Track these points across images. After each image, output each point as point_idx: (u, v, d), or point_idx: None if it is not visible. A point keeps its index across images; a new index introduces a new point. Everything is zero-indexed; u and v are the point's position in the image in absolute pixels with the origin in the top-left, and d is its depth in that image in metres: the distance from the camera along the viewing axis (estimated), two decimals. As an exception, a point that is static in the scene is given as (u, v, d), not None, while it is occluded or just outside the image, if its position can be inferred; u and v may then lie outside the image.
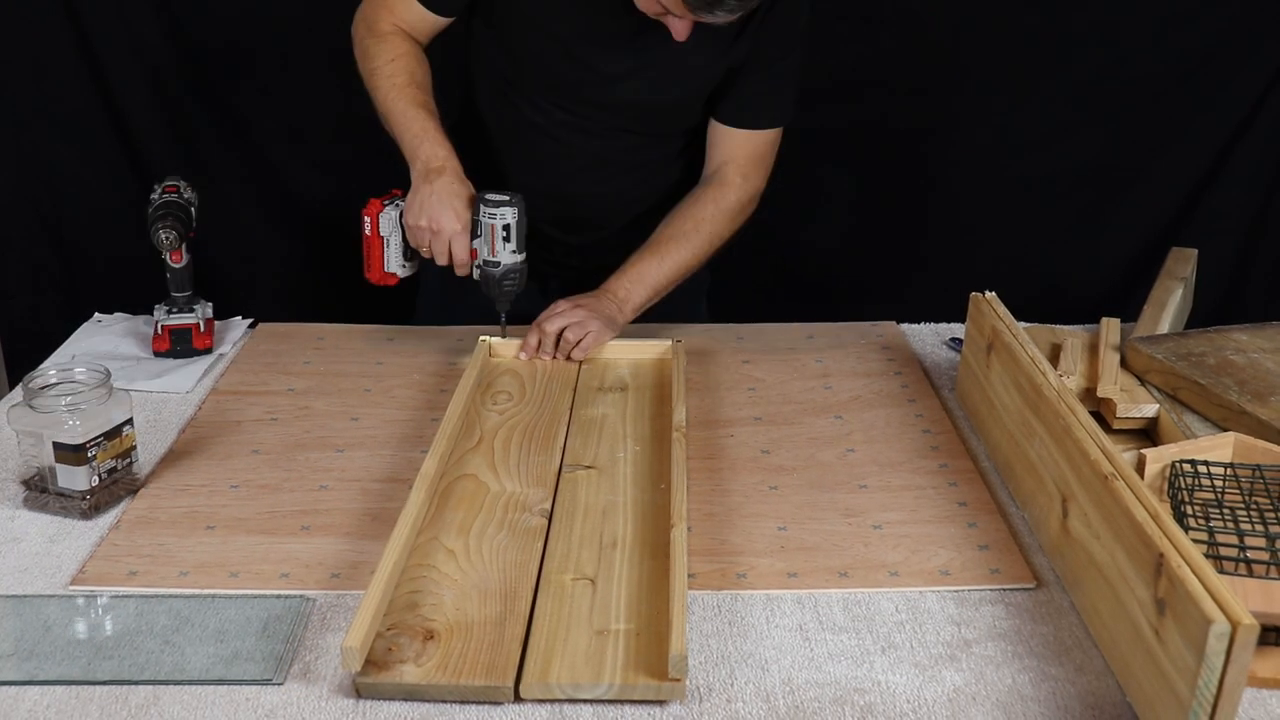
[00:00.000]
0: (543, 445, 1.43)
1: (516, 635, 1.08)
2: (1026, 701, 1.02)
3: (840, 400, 1.58)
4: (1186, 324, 1.77)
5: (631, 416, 1.51)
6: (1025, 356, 1.34)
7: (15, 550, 1.23)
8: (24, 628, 1.10)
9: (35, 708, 1.01)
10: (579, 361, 1.64)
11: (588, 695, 1.02)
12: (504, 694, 1.02)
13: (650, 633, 1.08)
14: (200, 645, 1.08)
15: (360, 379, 1.64)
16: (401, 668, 1.03)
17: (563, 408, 1.53)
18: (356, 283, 1.73)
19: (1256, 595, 1.03)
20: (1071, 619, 1.13)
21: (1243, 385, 1.39)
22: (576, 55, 1.63)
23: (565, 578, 1.17)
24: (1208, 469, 1.25)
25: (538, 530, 1.25)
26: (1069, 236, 2.59)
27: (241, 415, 1.53)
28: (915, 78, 2.46)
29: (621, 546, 1.22)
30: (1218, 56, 2.43)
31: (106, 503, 1.30)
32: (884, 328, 1.82)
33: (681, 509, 1.21)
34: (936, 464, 1.41)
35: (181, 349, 1.67)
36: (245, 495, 1.34)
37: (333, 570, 1.20)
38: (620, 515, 1.28)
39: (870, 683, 1.04)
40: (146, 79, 2.39)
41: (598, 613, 1.11)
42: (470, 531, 1.24)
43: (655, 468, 1.37)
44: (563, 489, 1.33)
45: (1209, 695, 0.88)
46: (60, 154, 2.43)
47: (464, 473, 1.36)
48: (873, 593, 1.17)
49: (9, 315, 2.50)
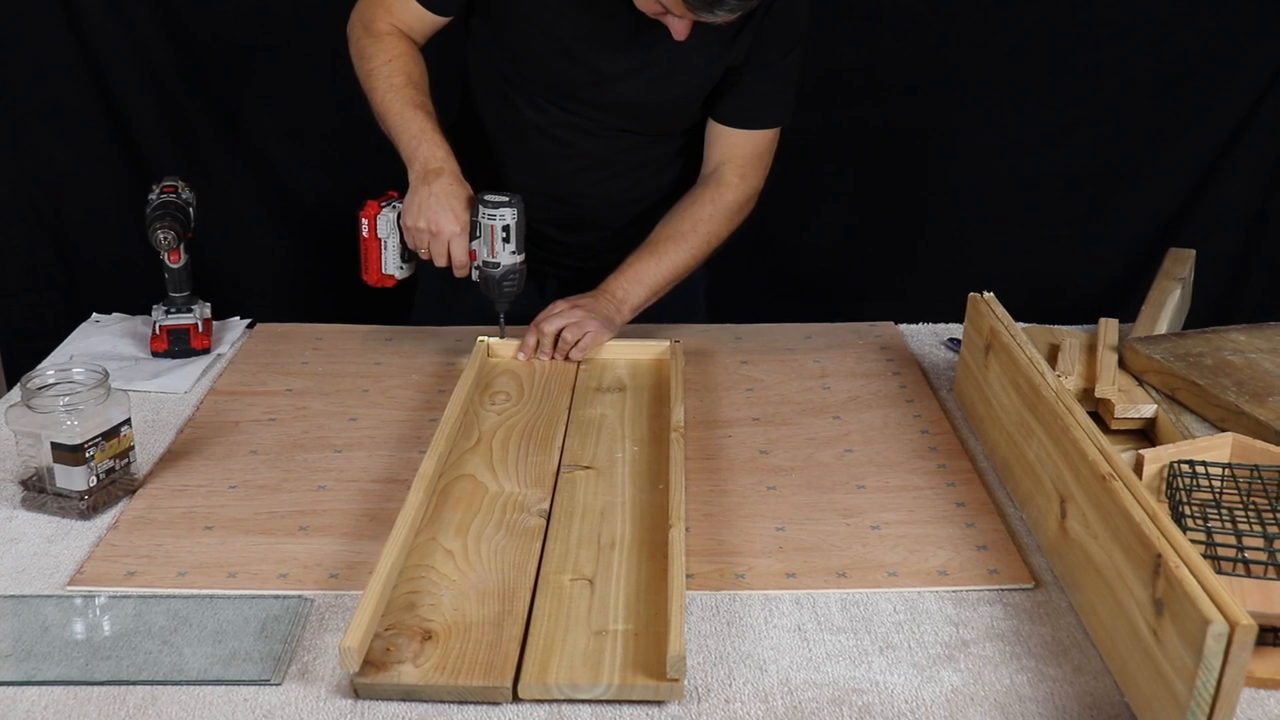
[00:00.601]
0: (541, 445, 1.43)
1: (514, 635, 1.08)
2: (1024, 702, 1.02)
3: (838, 400, 1.58)
4: (1185, 324, 1.77)
5: (630, 417, 1.51)
6: (1023, 357, 1.34)
7: (13, 550, 1.23)
8: (22, 628, 1.10)
9: (33, 708, 1.01)
10: (577, 362, 1.64)
11: (586, 695, 1.02)
12: (502, 694, 1.02)
13: (649, 633, 1.08)
14: (198, 645, 1.08)
15: (358, 379, 1.64)
16: (399, 668, 1.03)
17: (561, 408, 1.53)
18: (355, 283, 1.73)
19: (1254, 595, 1.03)
20: (1069, 619, 1.13)
21: (1241, 386, 1.39)
22: (576, 54, 1.63)
23: (564, 578, 1.17)
24: (1205, 469, 1.25)
25: (536, 530, 1.25)
26: (1068, 236, 2.59)
27: (240, 415, 1.53)
28: (914, 77, 2.46)
29: (620, 547, 1.22)
30: (1217, 56, 2.43)
31: (104, 503, 1.30)
32: (882, 328, 1.82)
33: (679, 509, 1.21)
34: (935, 464, 1.41)
35: (179, 349, 1.67)
36: (243, 495, 1.34)
37: (331, 570, 1.20)
38: (618, 515, 1.28)
39: (868, 683, 1.04)
40: (146, 79, 2.39)
41: (596, 613, 1.11)
42: (469, 532, 1.24)
43: (653, 468, 1.37)
44: (561, 489, 1.33)
45: (1207, 695, 0.88)
46: (60, 154, 2.43)
47: (462, 473, 1.36)
48: (871, 593, 1.17)
49: (9, 315, 2.50)
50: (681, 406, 1.45)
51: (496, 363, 1.66)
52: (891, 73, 2.45)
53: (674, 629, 1.03)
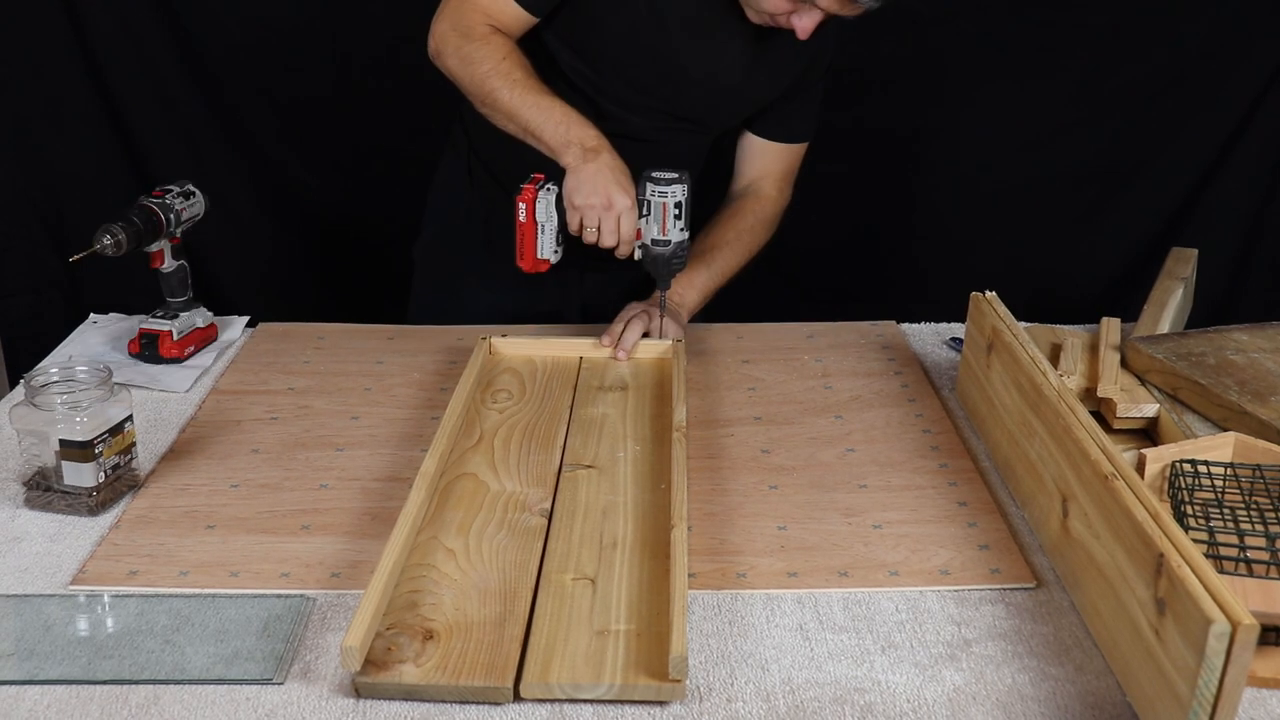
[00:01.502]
0: (543, 444, 1.43)
1: (516, 635, 1.08)
2: (1026, 701, 1.02)
3: (840, 400, 1.58)
4: (1186, 324, 1.77)
5: (632, 416, 1.51)
6: (1025, 356, 1.34)
7: (16, 550, 1.23)
8: (24, 627, 1.10)
9: (35, 707, 1.01)
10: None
11: (588, 695, 1.02)
12: (503, 694, 1.02)
13: (651, 633, 1.08)
14: (200, 645, 1.08)
15: (360, 378, 1.64)
16: (401, 668, 1.03)
17: (563, 407, 1.53)
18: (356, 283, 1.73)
19: (1256, 595, 1.03)
20: (1071, 619, 1.13)
21: (1243, 385, 1.39)
22: (664, 54, 1.64)
23: (565, 577, 1.17)
24: (1208, 469, 1.25)
25: (538, 530, 1.25)
26: (1069, 236, 2.59)
27: (242, 414, 1.53)
28: (915, 77, 2.46)
29: (621, 546, 1.22)
30: (1217, 56, 2.44)
31: (110, 499, 1.30)
32: (884, 327, 1.82)
33: (682, 509, 1.21)
34: (936, 464, 1.41)
35: (149, 355, 1.66)
36: (245, 494, 1.34)
37: (333, 570, 1.20)
38: (620, 515, 1.28)
39: (870, 682, 1.04)
40: (146, 79, 2.39)
41: (598, 613, 1.11)
42: (470, 531, 1.24)
43: (655, 467, 1.37)
44: (563, 488, 1.33)
45: (1209, 695, 0.88)
46: (60, 154, 2.43)
47: (464, 471, 1.36)
48: (873, 592, 1.17)
49: (9, 315, 2.50)
50: (684, 406, 1.45)
51: (499, 360, 1.66)
52: (892, 72, 2.45)
53: (676, 629, 1.03)
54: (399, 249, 2.02)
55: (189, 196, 1.69)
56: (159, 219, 1.63)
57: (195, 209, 1.71)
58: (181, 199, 1.67)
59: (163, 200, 1.65)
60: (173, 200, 1.66)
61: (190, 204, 1.69)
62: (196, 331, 1.70)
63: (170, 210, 1.65)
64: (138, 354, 1.67)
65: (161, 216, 1.64)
